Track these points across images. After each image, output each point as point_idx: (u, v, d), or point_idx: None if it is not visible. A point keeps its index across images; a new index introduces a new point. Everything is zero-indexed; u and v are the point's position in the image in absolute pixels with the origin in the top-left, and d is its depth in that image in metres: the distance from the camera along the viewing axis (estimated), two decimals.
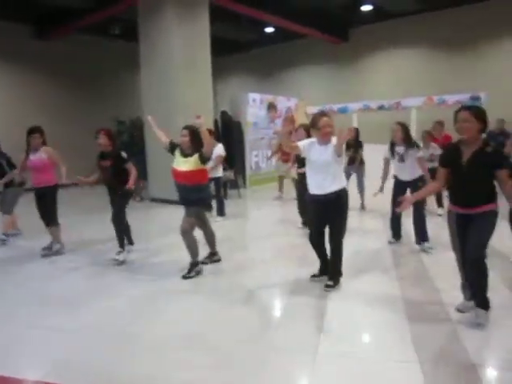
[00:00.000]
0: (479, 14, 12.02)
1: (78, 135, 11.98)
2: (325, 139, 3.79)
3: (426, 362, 2.72)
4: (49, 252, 5.40)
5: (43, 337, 3.24)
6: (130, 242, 5.47)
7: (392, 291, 3.93)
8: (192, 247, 4.50)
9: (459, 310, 3.33)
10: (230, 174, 9.86)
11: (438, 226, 5.92)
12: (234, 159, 10.91)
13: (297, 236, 6.08)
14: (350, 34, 14.75)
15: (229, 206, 8.59)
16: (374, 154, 7.82)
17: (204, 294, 4.07)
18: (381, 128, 11.07)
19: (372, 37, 14.15)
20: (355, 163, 7.78)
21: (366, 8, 12.39)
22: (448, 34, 12.67)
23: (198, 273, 4.52)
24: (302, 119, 12.66)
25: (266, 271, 4.64)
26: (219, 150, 7.23)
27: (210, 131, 7.36)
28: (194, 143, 4.39)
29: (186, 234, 4.44)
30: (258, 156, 11.59)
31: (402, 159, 5.15)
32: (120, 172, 4.97)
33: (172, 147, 4.58)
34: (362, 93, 13.94)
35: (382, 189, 5.54)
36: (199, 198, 4.50)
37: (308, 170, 3.94)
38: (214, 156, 7.12)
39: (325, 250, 4.15)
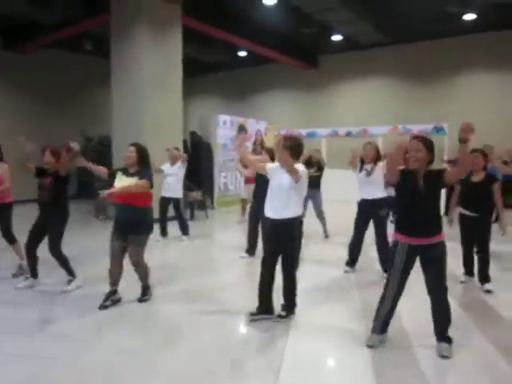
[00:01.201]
0: (441, 49, 12.61)
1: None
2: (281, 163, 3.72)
3: None
4: (19, 271, 5.09)
5: None
6: (71, 274, 4.73)
7: (352, 322, 3.88)
8: (145, 274, 4.36)
9: (369, 346, 3.29)
10: (198, 195, 9.80)
11: None
12: (203, 180, 10.87)
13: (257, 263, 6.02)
14: (320, 61, 15.15)
15: (195, 226, 8.50)
16: (340, 179, 7.98)
17: (154, 321, 3.94)
18: (348, 154, 11.31)
19: (341, 65, 14.58)
20: (316, 186, 7.37)
21: (336, 38, 12.77)
22: (413, 66, 13.21)
23: (151, 295, 4.40)
24: (271, 143, 12.80)
25: (218, 300, 4.47)
26: (180, 165, 7.28)
27: (177, 149, 7.40)
28: (141, 161, 4.24)
29: (140, 264, 4.28)
30: (226, 177, 11.57)
31: (369, 173, 5.21)
32: (58, 193, 4.55)
33: (113, 173, 4.32)
34: (331, 119, 14.25)
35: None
36: (143, 222, 4.17)
37: (268, 192, 3.84)
38: (177, 171, 7.13)
39: (271, 284, 3.87)
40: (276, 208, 3.69)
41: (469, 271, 4.95)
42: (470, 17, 10.76)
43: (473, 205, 4.64)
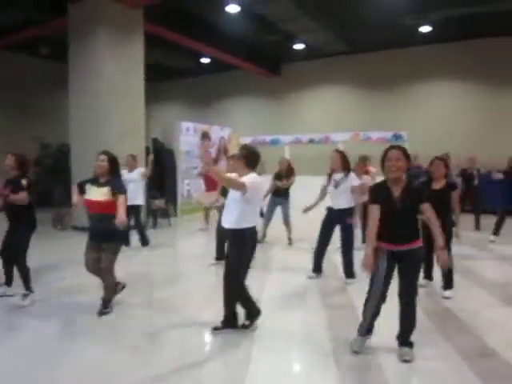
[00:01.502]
0: (400, 59, 13.02)
1: None
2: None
3: None
4: None
5: None
6: (28, 288, 4.51)
7: (316, 329, 3.89)
8: (112, 286, 4.28)
9: (355, 352, 3.33)
10: (161, 202, 9.66)
11: None
12: (165, 187, 10.73)
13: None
14: (283, 69, 15.33)
15: (158, 235, 8.37)
16: (304, 186, 8.05)
17: (115, 335, 3.84)
18: (311, 160, 11.48)
19: (303, 73, 14.78)
20: (284, 196, 7.64)
21: (298, 46, 12.95)
22: (373, 75, 13.56)
23: (112, 308, 4.28)
24: (234, 150, 12.80)
25: (182, 311, 4.41)
26: (140, 170, 7.18)
27: (133, 157, 7.22)
28: (112, 170, 4.19)
29: (109, 273, 4.20)
30: (190, 185, 11.46)
31: (337, 185, 5.28)
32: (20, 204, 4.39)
33: (82, 185, 4.23)
34: (294, 126, 14.41)
35: (309, 208, 5.64)
36: (117, 230, 4.10)
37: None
38: (136, 177, 6.99)
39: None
40: (226, 218, 3.67)
41: (428, 275, 5.09)
42: (425, 29, 11.18)
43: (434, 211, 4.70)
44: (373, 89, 13.75)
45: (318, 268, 5.55)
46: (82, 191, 4.22)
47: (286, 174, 7.68)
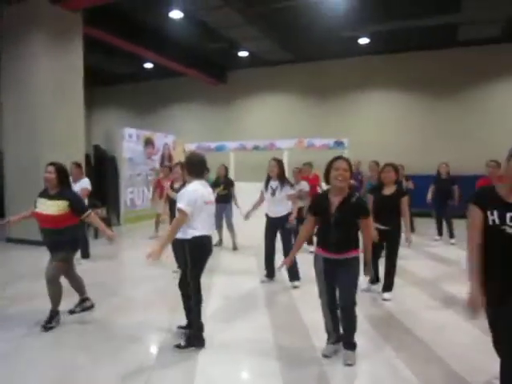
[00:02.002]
0: (341, 68, 13.48)
1: None
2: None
3: None
4: None
5: None
6: None
7: (263, 336, 3.92)
8: (56, 296, 4.10)
9: (325, 356, 3.42)
10: (103, 212, 9.33)
11: (310, 263, 6.23)
12: (107, 196, 10.40)
13: (173, 280, 5.89)
14: (228, 76, 15.39)
15: (100, 245, 8.08)
16: (248, 192, 8.10)
17: (68, 346, 3.68)
18: (256, 167, 11.58)
19: (248, 80, 14.93)
20: (225, 201, 7.69)
21: (243, 54, 13.06)
22: (316, 84, 13.95)
23: (58, 322, 4.11)
24: (179, 156, 12.67)
25: (137, 320, 4.33)
26: (84, 183, 6.72)
27: (77, 165, 6.88)
28: (61, 182, 4.06)
29: (53, 282, 4.03)
30: (133, 193, 11.18)
31: (273, 193, 5.41)
32: None
33: (35, 202, 4.13)
34: (239, 133, 14.48)
35: (248, 214, 5.89)
36: (68, 241, 4.08)
37: None
38: (78, 189, 6.65)
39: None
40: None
41: (372, 279, 5.20)
42: (364, 41, 11.65)
43: (384, 218, 4.81)
44: (316, 97, 14.13)
45: (270, 273, 5.65)
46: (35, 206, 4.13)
47: (223, 180, 7.75)
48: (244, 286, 5.51)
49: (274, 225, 5.53)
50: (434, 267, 6.57)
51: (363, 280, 5.07)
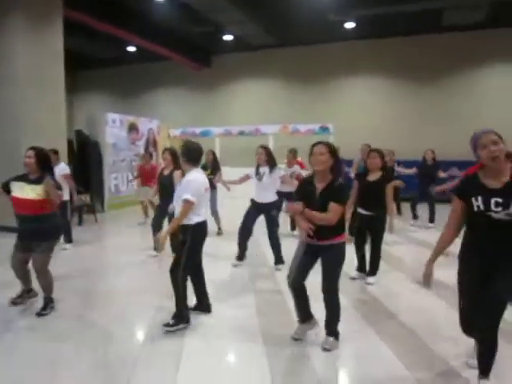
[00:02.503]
0: (326, 53, 13.42)
1: None
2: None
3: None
4: None
5: None
6: None
7: (247, 319, 3.96)
8: (49, 284, 4.09)
9: (295, 339, 3.45)
10: (86, 198, 9.24)
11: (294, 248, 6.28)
12: (91, 182, 10.27)
13: (158, 263, 5.89)
14: (212, 60, 15.21)
15: (84, 232, 8.02)
16: (233, 176, 8.09)
17: (51, 335, 3.65)
18: (241, 152, 11.56)
19: (233, 65, 14.77)
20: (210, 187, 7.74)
21: (227, 37, 12.89)
22: (301, 69, 13.88)
23: (52, 308, 4.11)
24: (164, 142, 12.56)
25: (122, 307, 4.32)
26: (62, 169, 6.59)
27: (54, 151, 6.74)
28: (41, 166, 3.96)
29: (44, 272, 4.00)
30: (117, 179, 11.07)
31: (260, 178, 5.44)
32: None
33: (6, 184, 4.02)
34: (224, 118, 14.38)
35: (228, 187, 6.37)
36: (49, 228, 3.99)
37: None
38: (57, 175, 6.53)
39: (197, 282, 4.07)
40: (176, 212, 3.71)
41: (360, 267, 5.21)
42: (349, 25, 11.60)
43: (369, 203, 4.86)
44: (301, 82, 14.06)
45: (240, 256, 5.73)
46: (6, 189, 4.01)
47: (211, 165, 7.72)
48: (229, 270, 5.56)
49: (258, 209, 5.55)
50: (418, 252, 6.66)
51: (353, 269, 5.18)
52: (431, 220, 8.39)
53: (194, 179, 3.64)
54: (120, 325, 3.85)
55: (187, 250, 3.66)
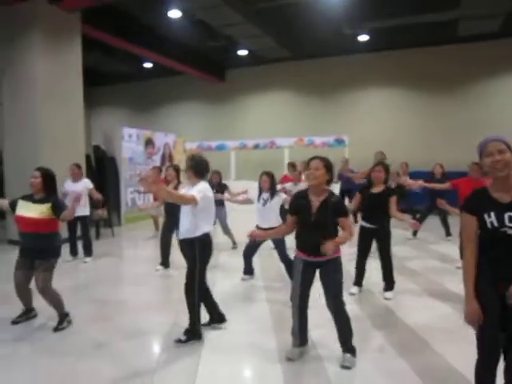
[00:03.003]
0: (341, 66, 13.44)
1: None
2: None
3: None
4: None
5: None
6: None
7: (262, 334, 3.91)
8: (56, 302, 4.10)
9: (289, 359, 3.36)
10: (103, 212, 9.31)
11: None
12: (108, 196, 10.37)
13: (174, 277, 5.90)
14: (227, 74, 15.37)
15: (102, 245, 8.11)
16: (250, 191, 8.11)
17: (67, 349, 3.67)
18: (257, 165, 11.57)
19: (248, 79, 14.90)
20: (218, 204, 7.72)
21: (242, 52, 13.03)
22: (316, 81, 13.92)
23: (70, 322, 4.15)
24: (180, 156, 12.66)
25: (138, 321, 4.31)
26: (87, 184, 6.87)
27: (78, 166, 6.91)
28: (47, 187, 4.05)
29: (47, 291, 4.02)
30: (134, 192, 11.17)
31: (264, 204, 5.44)
32: None
33: (13, 202, 4.10)
34: (239, 131, 14.48)
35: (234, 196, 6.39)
36: (51, 248, 4.03)
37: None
38: (82, 189, 6.68)
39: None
40: (180, 230, 3.73)
41: (359, 282, 5.12)
42: (363, 38, 11.62)
43: (371, 216, 4.86)
44: (316, 94, 14.09)
45: (247, 270, 5.76)
46: (13, 208, 4.09)
47: (217, 186, 7.74)
48: (243, 284, 5.57)
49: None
50: (433, 265, 6.55)
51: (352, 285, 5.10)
52: (448, 233, 8.22)
53: (204, 186, 3.66)
54: (136, 340, 3.84)
55: (199, 264, 3.64)
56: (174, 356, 3.51)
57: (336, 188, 9.06)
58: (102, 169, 10.61)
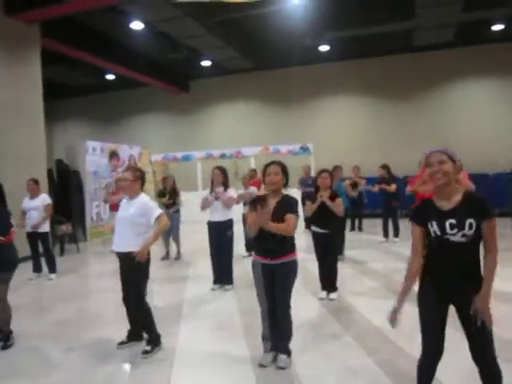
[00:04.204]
0: (304, 75, 13.68)
1: None
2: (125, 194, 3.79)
3: None
4: None
5: None
6: None
7: (232, 342, 3.87)
8: (7, 319, 3.97)
9: (261, 365, 3.33)
10: (68, 228, 9.10)
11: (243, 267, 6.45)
12: (72, 211, 10.15)
13: None
14: (191, 85, 15.39)
15: (67, 261, 7.91)
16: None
17: (29, 369, 3.55)
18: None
19: (212, 89, 14.96)
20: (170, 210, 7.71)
21: (206, 63, 13.09)
22: (279, 91, 14.13)
23: (13, 341, 3.99)
24: (146, 168, 12.53)
25: (105, 336, 4.19)
26: (44, 199, 6.56)
27: (35, 181, 6.66)
28: None
29: (3, 304, 3.91)
30: (99, 206, 10.96)
31: (217, 198, 5.54)
32: None
33: None
34: (205, 141, 14.48)
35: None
36: (2, 260, 3.82)
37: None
38: (39, 205, 6.48)
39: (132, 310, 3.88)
40: (120, 241, 3.72)
41: (323, 285, 5.17)
42: (324, 48, 11.92)
43: (321, 221, 5.05)
44: (280, 104, 14.29)
45: (215, 278, 5.73)
46: None
47: (169, 191, 7.85)
48: (195, 292, 5.62)
49: (215, 230, 5.61)
50: (383, 265, 6.75)
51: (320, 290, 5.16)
52: (396, 234, 8.56)
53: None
54: (104, 354, 3.75)
55: (142, 274, 3.67)
56: (145, 370, 3.47)
57: (296, 194, 9.15)
58: (66, 183, 10.39)
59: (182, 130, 15.40)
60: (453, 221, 2.24)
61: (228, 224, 5.62)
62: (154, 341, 3.73)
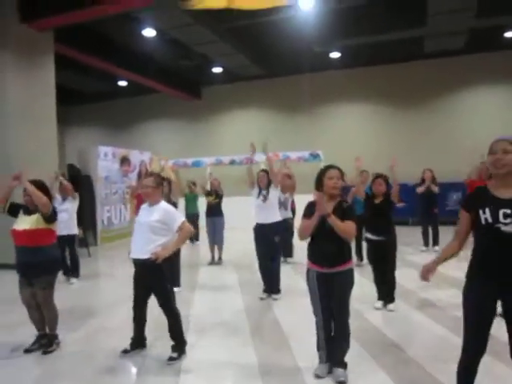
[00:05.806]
0: (314, 83, 13.67)
1: None
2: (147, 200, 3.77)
3: None
4: None
5: None
6: None
7: (246, 354, 3.79)
8: (55, 319, 4.00)
9: (318, 376, 3.23)
10: (79, 232, 9.15)
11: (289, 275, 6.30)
12: (83, 215, 10.21)
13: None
14: (203, 91, 15.48)
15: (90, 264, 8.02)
16: (226, 206, 8.20)
17: (52, 374, 3.58)
18: (233, 182, 11.62)
19: (223, 96, 15.03)
20: (217, 215, 7.93)
21: (217, 70, 13.17)
22: (290, 98, 14.13)
23: (58, 345, 4.01)
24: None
25: (117, 342, 4.15)
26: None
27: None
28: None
29: (47, 307, 3.92)
30: (110, 211, 11.05)
31: (264, 199, 5.50)
32: None
33: (12, 206, 4.01)
34: (215, 148, 14.52)
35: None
36: (46, 262, 3.84)
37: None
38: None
39: (142, 318, 3.86)
40: (139, 246, 3.67)
41: (381, 296, 4.97)
42: (334, 55, 11.92)
43: (375, 227, 4.87)
44: (290, 110, 14.31)
45: (266, 288, 5.56)
46: (12, 209, 3.99)
47: (214, 191, 8.07)
48: (225, 300, 5.54)
49: (263, 235, 5.46)
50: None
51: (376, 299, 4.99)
52: (435, 242, 8.16)
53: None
54: (116, 361, 3.76)
55: (165, 278, 3.68)
56: (153, 376, 3.46)
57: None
58: (77, 188, 10.46)
59: (193, 135, 15.47)
60: (507, 210, 2.19)
61: (277, 227, 5.53)
62: (182, 348, 3.71)
